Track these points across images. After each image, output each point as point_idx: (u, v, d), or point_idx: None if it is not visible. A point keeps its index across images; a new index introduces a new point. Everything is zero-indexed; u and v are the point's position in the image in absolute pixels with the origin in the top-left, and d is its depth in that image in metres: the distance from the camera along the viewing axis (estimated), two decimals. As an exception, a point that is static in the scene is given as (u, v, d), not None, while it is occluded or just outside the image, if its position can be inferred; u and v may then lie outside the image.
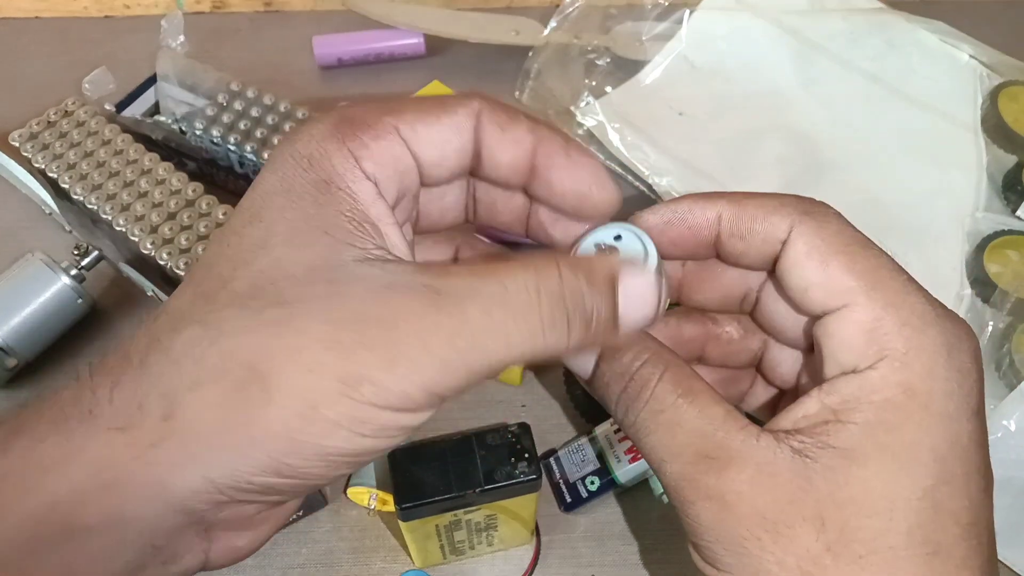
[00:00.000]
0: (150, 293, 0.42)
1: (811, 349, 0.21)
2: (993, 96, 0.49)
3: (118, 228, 0.42)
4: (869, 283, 0.19)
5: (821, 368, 0.20)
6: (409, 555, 0.37)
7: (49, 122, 0.46)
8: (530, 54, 0.53)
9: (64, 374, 0.43)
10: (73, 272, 0.41)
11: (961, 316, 0.20)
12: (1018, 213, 0.45)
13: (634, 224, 0.21)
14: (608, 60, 0.53)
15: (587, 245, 0.21)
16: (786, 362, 0.23)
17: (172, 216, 0.42)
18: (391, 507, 0.36)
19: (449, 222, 0.22)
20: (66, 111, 0.47)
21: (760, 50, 0.52)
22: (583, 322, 0.18)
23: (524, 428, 0.31)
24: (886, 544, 0.18)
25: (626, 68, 0.53)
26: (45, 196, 0.45)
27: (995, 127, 0.49)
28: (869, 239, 0.20)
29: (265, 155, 0.44)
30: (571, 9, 0.53)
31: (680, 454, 0.19)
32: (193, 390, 0.16)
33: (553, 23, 0.53)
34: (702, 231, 0.21)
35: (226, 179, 0.48)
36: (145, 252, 0.41)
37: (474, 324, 0.17)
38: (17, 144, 0.46)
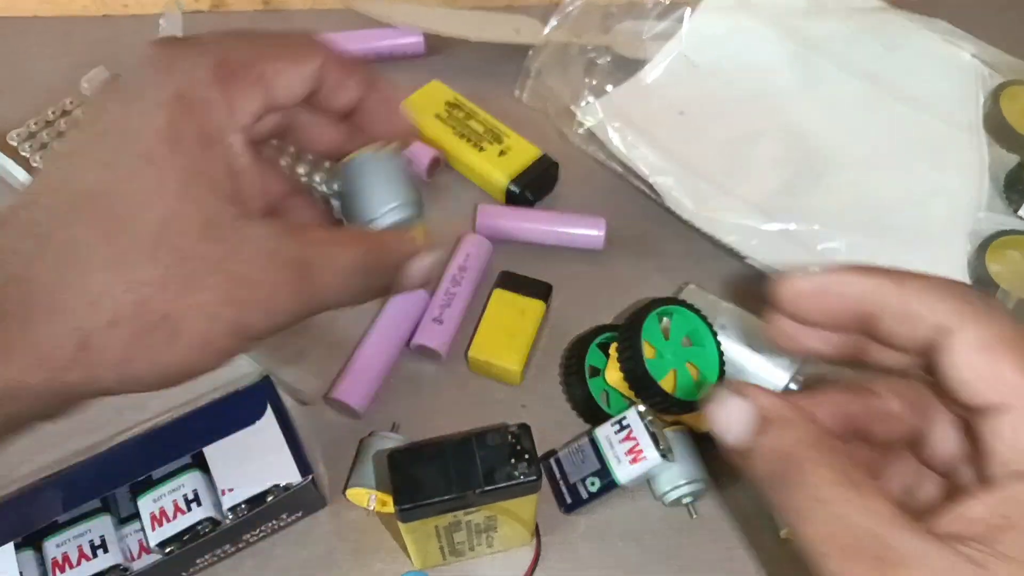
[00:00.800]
0: None
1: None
2: (995, 96, 0.49)
3: None
4: None
5: (984, 464, 0.19)
6: (409, 556, 0.37)
7: (48, 121, 0.46)
8: (530, 53, 0.53)
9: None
10: None
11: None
12: (1020, 213, 0.45)
13: (779, 287, 0.21)
14: (608, 59, 0.53)
15: (387, 221, 0.26)
16: (948, 442, 0.22)
17: None
18: (391, 508, 0.36)
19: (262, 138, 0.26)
20: (64, 110, 0.47)
21: (761, 50, 0.52)
22: (386, 279, 0.25)
23: (524, 429, 0.31)
24: None
25: (626, 67, 0.53)
26: None
27: (997, 127, 0.48)
28: None
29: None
30: (571, 8, 0.53)
31: (845, 551, 0.18)
32: (110, 328, 0.19)
33: (553, 22, 0.53)
34: (856, 304, 0.20)
35: (225, 178, 0.48)
36: None
37: (323, 286, 0.23)
38: (15, 143, 0.46)
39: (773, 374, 0.39)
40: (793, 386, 0.39)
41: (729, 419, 0.20)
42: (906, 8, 0.53)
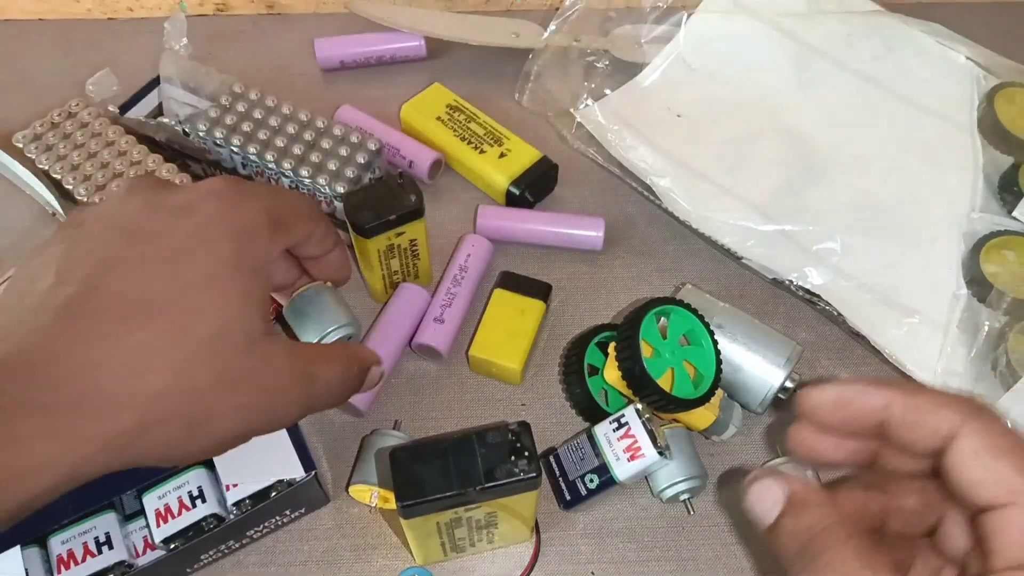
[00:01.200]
0: None
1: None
2: (989, 97, 0.50)
3: None
4: None
5: (988, 558, 0.21)
6: (410, 552, 0.37)
7: (53, 123, 0.47)
8: (530, 56, 0.53)
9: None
10: None
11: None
12: (1014, 214, 0.46)
13: (804, 397, 0.24)
14: (607, 63, 0.53)
15: (334, 337, 0.35)
16: (961, 537, 0.24)
17: None
18: (392, 504, 0.37)
19: None
20: (70, 112, 0.47)
21: (758, 52, 0.52)
22: (357, 384, 0.31)
23: (524, 426, 0.31)
24: None
25: (625, 70, 0.53)
26: (49, 197, 0.45)
27: (991, 128, 0.49)
28: None
29: (268, 157, 0.45)
30: (570, 12, 0.54)
31: None
32: (165, 424, 0.23)
33: (552, 26, 0.54)
34: (870, 415, 0.23)
35: (229, 180, 0.49)
36: None
37: (319, 394, 0.28)
38: (21, 145, 0.46)
39: (769, 372, 0.39)
40: (789, 384, 0.39)
41: (764, 498, 0.23)
42: (901, 11, 0.54)
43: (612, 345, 0.37)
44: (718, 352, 0.38)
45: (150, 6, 0.59)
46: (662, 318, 0.38)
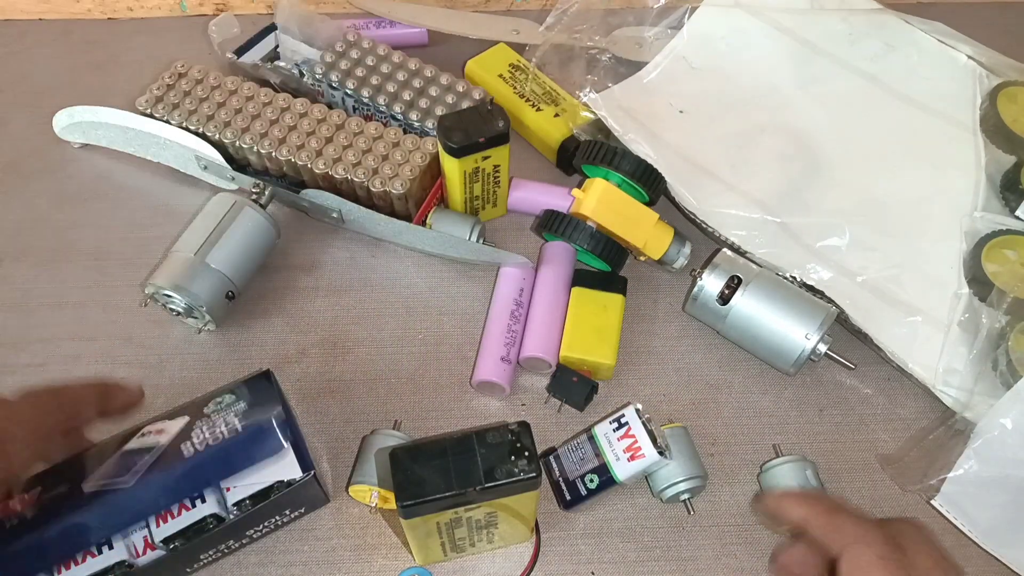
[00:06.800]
0: (335, 214, 0.46)
1: None
2: (992, 96, 0.49)
3: (287, 159, 0.45)
4: None
5: None
6: (410, 552, 0.37)
7: (169, 85, 0.48)
8: (527, 48, 0.53)
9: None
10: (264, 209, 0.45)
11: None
12: (1016, 213, 0.46)
13: (754, 501, 0.38)
14: (609, 56, 0.53)
15: None
16: None
17: (329, 140, 0.46)
18: (392, 504, 0.37)
19: None
20: (179, 73, 0.49)
21: (759, 50, 0.52)
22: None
23: (524, 427, 0.31)
24: None
25: (627, 64, 0.53)
26: (205, 149, 0.46)
27: (994, 127, 0.49)
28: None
29: (380, 100, 0.48)
30: (569, 6, 0.53)
31: None
32: None
33: (550, 20, 0.53)
34: (793, 520, 0.32)
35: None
36: (319, 172, 0.45)
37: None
38: (144, 110, 0.47)
39: (801, 335, 0.41)
40: (822, 347, 0.41)
41: None
42: (902, 10, 0.53)
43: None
44: (652, 194, 0.45)
45: (150, 6, 0.59)
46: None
